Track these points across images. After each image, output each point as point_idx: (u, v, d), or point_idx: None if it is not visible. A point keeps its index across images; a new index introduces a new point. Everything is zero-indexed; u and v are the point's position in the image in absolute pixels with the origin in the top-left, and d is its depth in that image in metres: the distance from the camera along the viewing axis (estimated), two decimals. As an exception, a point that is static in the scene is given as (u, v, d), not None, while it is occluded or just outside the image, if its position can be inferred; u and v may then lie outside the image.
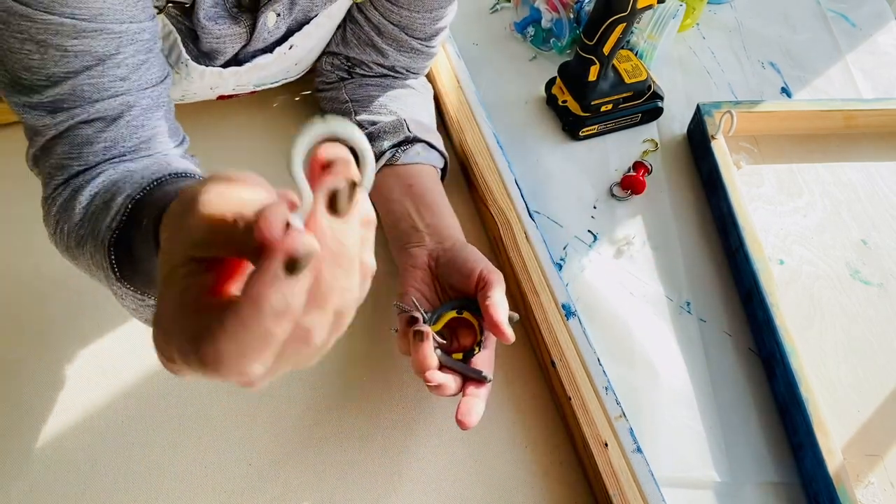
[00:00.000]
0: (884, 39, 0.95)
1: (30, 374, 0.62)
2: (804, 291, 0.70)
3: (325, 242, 0.25)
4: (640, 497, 0.54)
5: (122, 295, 0.44)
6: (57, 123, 0.48)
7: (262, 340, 0.24)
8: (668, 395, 0.63)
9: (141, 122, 0.50)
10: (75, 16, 0.44)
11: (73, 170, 0.49)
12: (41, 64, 0.46)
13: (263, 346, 0.25)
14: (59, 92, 0.47)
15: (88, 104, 0.48)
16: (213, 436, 0.59)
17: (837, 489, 0.54)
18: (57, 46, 0.45)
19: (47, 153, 0.50)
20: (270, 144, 0.79)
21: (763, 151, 0.81)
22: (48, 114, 0.48)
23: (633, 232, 0.74)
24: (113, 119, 0.49)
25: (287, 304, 0.24)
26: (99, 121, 0.48)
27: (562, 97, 0.80)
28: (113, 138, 0.49)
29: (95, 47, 0.46)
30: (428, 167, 0.68)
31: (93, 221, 0.46)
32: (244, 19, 0.58)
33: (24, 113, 0.48)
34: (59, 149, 0.49)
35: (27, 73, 0.46)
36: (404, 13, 0.66)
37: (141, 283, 0.43)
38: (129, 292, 0.43)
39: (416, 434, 0.61)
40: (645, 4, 0.70)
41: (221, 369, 0.25)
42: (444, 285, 0.60)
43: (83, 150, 0.49)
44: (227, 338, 0.24)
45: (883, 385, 0.64)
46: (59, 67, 0.46)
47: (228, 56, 0.61)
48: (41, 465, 0.57)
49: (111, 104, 0.48)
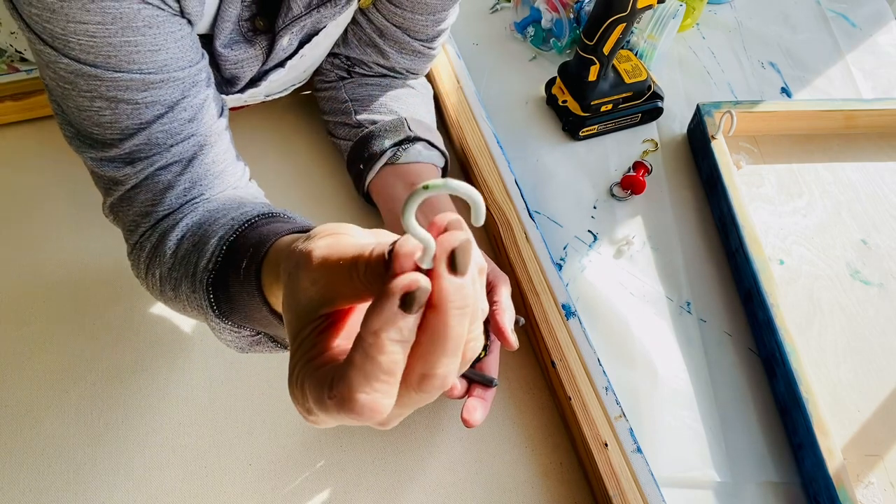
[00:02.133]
0: (884, 39, 0.95)
1: (30, 373, 0.62)
2: (804, 291, 0.70)
3: (451, 298, 0.27)
4: (640, 497, 0.54)
5: (219, 330, 0.45)
6: (137, 172, 0.49)
7: (388, 371, 0.26)
8: (668, 395, 0.63)
9: (213, 157, 0.52)
10: (142, 70, 0.46)
11: (158, 215, 0.51)
12: (113, 119, 0.47)
13: (389, 376, 0.27)
14: (136, 143, 0.48)
15: (164, 150, 0.49)
16: (213, 436, 0.59)
17: (837, 489, 0.54)
18: (128, 101, 0.47)
19: (128, 203, 0.51)
20: (273, 145, 0.79)
21: (763, 151, 0.81)
22: (126, 164, 0.49)
23: (633, 232, 0.74)
24: (189, 161, 0.50)
25: (402, 335, 0.26)
26: (176, 164, 0.50)
27: (562, 97, 0.80)
28: (192, 179, 0.51)
29: (164, 96, 0.48)
30: (429, 166, 0.68)
31: (185, 264, 0.47)
32: (259, 41, 0.58)
33: (100, 167, 0.50)
34: (142, 197, 0.50)
35: (99, 128, 0.48)
36: (406, 15, 0.66)
37: (238, 319, 0.44)
38: (228, 327, 0.44)
39: (416, 434, 0.61)
40: (645, 4, 0.70)
41: (355, 405, 0.26)
42: None
43: (166, 195, 0.50)
44: (355, 371, 0.26)
45: (883, 385, 0.64)
46: (132, 120, 0.48)
47: (248, 79, 0.62)
48: (41, 465, 0.57)
49: (185, 147, 0.50)
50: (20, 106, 0.76)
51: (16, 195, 0.73)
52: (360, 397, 0.26)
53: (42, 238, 0.70)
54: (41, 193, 0.73)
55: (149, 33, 0.45)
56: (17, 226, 0.71)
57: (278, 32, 0.58)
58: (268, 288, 0.39)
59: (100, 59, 0.45)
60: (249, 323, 0.44)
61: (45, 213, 0.72)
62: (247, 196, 0.53)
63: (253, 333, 0.45)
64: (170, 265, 0.49)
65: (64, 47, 0.44)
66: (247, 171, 0.57)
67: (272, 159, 0.78)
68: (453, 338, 0.27)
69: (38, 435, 0.59)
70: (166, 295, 0.50)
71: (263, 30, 0.58)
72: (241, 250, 0.42)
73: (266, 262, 0.39)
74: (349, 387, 0.26)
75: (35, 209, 0.72)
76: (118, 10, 0.43)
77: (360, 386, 0.26)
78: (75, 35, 0.43)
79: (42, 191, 0.73)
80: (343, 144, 0.72)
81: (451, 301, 0.26)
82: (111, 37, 0.44)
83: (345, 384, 0.26)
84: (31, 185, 0.74)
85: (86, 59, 0.45)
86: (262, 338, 0.46)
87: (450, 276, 0.27)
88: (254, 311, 0.41)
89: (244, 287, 0.41)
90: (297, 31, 0.60)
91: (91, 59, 0.45)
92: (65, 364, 0.62)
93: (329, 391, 0.27)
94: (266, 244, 0.40)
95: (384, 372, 0.26)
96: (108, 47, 0.44)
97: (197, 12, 0.49)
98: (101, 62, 0.45)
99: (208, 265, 0.44)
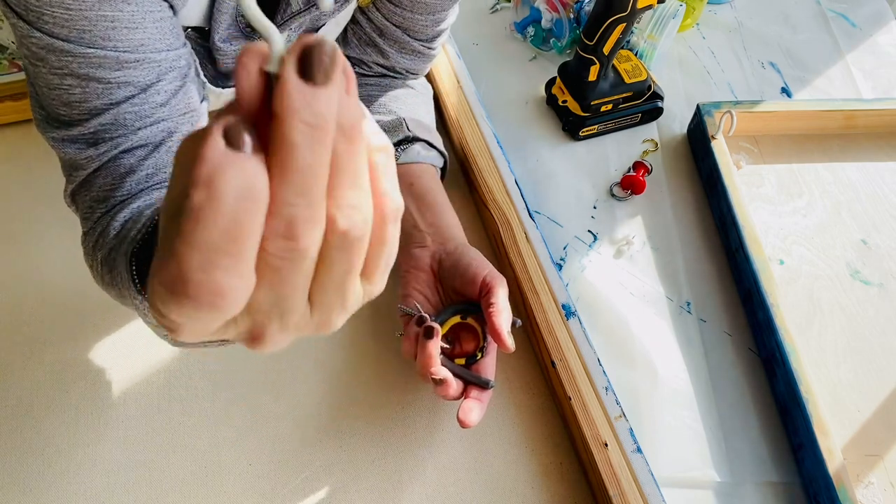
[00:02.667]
0: (884, 39, 0.95)
1: (30, 373, 0.62)
2: (804, 291, 0.70)
3: (295, 107, 0.20)
4: (640, 497, 0.54)
5: (144, 311, 0.43)
6: (100, 154, 0.47)
7: (226, 234, 0.20)
8: (668, 395, 0.63)
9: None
10: (117, 48, 0.44)
11: (115, 200, 0.48)
12: (83, 97, 0.46)
13: (230, 242, 0.20)
14: (102, 122, 0.46)
15: (131, 133, 0.47)
16: (213, 436, 0.59)
17: (837, 489, 0.54)
18: (99, 79, 0.45)
19: (87, 187, 0.49)
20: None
21: (763, 151, 0.81)
22: (90, 146, 0.47)
23: (633, 232, 0.74)
24: (155, 146, 0.49)
25: (239, 181, 0.20)
26: (141, 148, 0.48)
27: (562, 97, 0.80)
28: (155, 165, 0.49)
29: (137, 77, 0.46)
30: (428, 166, 0.68)
31: (122, 239, 0.45)
32: (258, 37, 0.58)
33: (63, 147, 0.48)
34: (101, 181, 0.48)
35: (66, 108, 0.46)
36: (406, 15, 0.66)
37: None
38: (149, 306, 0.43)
39: (416, 434, 0.61)
40: (645, 4, 0.70)
41: (188, 288, 0.20)
42: (447, 288, 0.60)
43: (126, 180, 0.48)
44: (182, 241, 0.20)
45: (883, 385, 0.64)
46: (102, 100, 0.46)
47: None
48: (41, 465, 0.57)
49: (153, 131, 0.48)
50: (20, 106, 0.76)
51: (16, 195, 0.73)
52: (193, 277, 0.20)
53: (42, 238, 0.70)
54: (41, 193, 0.73)
55: (126, 9, 0.44)
56: (17, 226, 0.71)
57: (278, 28, 0.58)
58: None
59: (73, 33, 0.43)
60: None
61: (45, 213, 0.72)
62: None
63: None
64: (111, 246, 0.46)
65: (37, 20, 0.42)
66: None
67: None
68: (299, 166, 0.20)
69: (38, 435, 0.59)
70: (105, 280, 0.47)
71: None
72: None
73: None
74: (178, 263, 0.20)
75: (35, 209, 0.72)
76: None
77: (190, 261, 0.20)
78: (50, 7, 0.41)
79: (42, 191, 0.73)
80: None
81: (295, 112, 0.20)
82: (87, 10, 0.42)
83: (174, 261, 0.20)
84: (31, 185, 0.74)
85: (59, 33, 0.43)
86: None
87: (297, 80, 0.20)
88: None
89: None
90: (295, 28, 0.60)
91: (64, 34, 0.43)
92: (65, 364, 0.62)
93: (158, 276, 0.21)
94: None
95: (222, 237, 0.20)
96: (83, 21, 0.42)
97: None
98: (75, 37, 0.43)
99: (136, 235, 0.42)
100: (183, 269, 0.20)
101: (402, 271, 0.61)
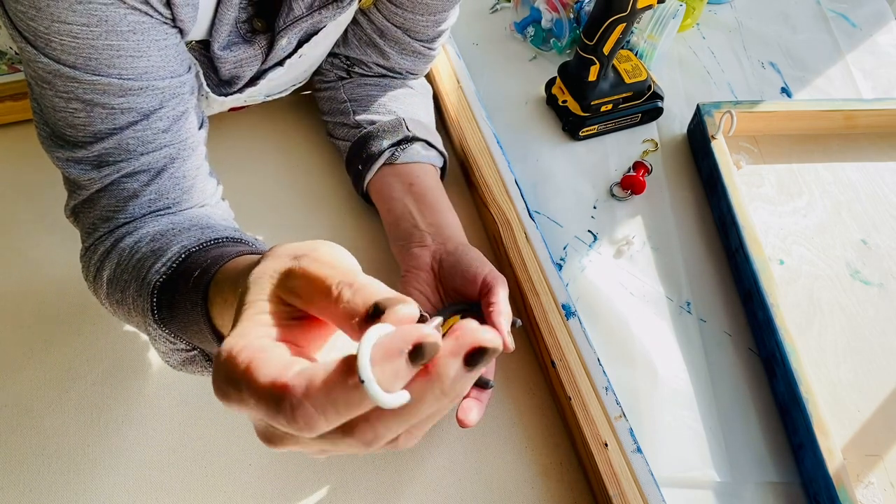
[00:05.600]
0: (884, 39, 0.95)
1: (30, 373, 0.62)
2: (804, 291, 0.70)
3: (446, 379, 0.26)
4: (640, 497, 0.54)
5: (155, 337, 0.45)
6: (103, 177, 0.49)
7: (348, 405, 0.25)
8: (668, 395, 0.63)
9: (183, 172, 0.51)
10: (122, 76, 0.46)
11: (117, 221, 0.50)
12: (87, 121, 0.47)
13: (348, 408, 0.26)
14: (105, 146, 0.48)
15: (134, 158, 0.49)
16: (213, 436, 0.59)
17: (837, 489, 0.54)
18: (103, 105, 0.46)
19: (90, 205, 0.50)
20: (273, 145, 0.79)
21: (763, 151, 0.81)
22: (93, 168, 0.49)
23: (633, 232, 0.74)
24: (157, 172, 0.50)
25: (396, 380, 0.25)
26: (143, 173, 0.49)
27: (562, 97, 0.80)
28: (158, 191, 0.50)
29: (140, 104, 0.47)
30: (428, 166, 0.68)
31: (138, 268, 0.46)
32: (258, 41, 0.58)
33: (67, 167, 0.49)
34: (104, 201, 0.50)
35: (71, 129, 0.47)
36: (407, 15, 0.66)
37: (176, 329, 0.43)
38: (164, 335, 0.44)
39: (416, 434, 0.61)
40: (645, 4, 0.70)
41: (297, 412, 0.25)
42: (448, 288, 0.60)
43: (128, 203, 0.50)
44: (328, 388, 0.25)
45: (883, 385, 0.64)
46: (105, 124, 0.47)
47: (247, 78, 0.62)
48: (41, 465, 0.57)
49: (156, 157, 0.49)
50: (20, 106, 0.76)
51: (16, 195, 0.73)
52: (307, 405, 0.25)
53: (42, 238, 0.70)
54: (41, 193, 0.73)
55: (132, 38, 0.45)
56: (17, 225, 0.71)
57: (278, 33, 0.58)
58: (212, 300, 0.38)
59: (80, 60, 0.44)
60: (185, 335, 0.43)
61: (44, 214, 0.72)
62: (215, 216, 0.53)
63: (188, 348, 0.45)
64: (122, 267, 0.48)
65: (45, 46, 0.43)
66: (220, 188, 0.56)
67: (272, 159, 0.78)
68: (417, 412, 0.26)
69: (38, 435, 0.59)
70: (112, 298, 0.49)
71: (262, 30, 0.58)
72: (198, 261, 0.42)
73: (221, 272, 0.38)
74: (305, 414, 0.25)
75: (35, 209, 0.72)
76: (104, 13, 0.43)
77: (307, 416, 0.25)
78: (58, 35, 0.43)
79: (42, 191, 0.73)
80: (342, 145, 0.72)
81: (444, 380, 0.26)
82: (94, 39, 0.43)
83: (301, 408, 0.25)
84: (31, 185, 0.74)
85: (66, 59, 0.44)
86: (196, 355, 0.45)
87: (460, 367, 0.26)
88: (192, 323, 0.40)
89: (189, 296, 0.40)
90: (296, 31, 0.60)
91: (71, 61, 0.44)
92: (65, 364, 0.62)
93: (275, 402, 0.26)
94: (225, 259, 0.39)
95: (345, 405, 0.25)
96: (89, 49, 0.44)
97: (190, 18, 0.48)
98: (81, 64, 0.44)
99: (161, 268, 0.44)
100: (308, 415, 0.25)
101: (403, 271, 0.61)
